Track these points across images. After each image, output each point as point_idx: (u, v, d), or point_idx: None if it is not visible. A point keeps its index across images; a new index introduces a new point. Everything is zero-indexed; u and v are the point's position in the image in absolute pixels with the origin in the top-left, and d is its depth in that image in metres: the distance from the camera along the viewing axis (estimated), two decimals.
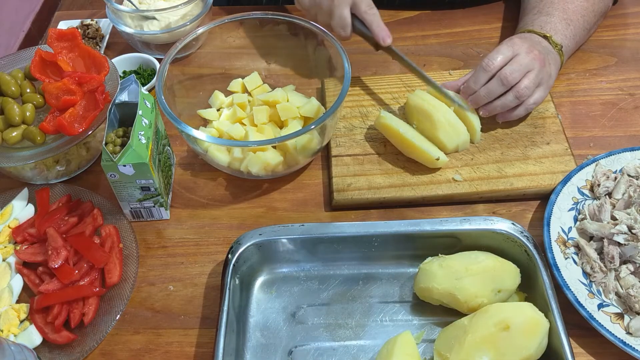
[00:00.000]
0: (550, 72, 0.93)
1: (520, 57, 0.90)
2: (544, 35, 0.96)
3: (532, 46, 0.91)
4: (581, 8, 1.01)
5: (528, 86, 0.89)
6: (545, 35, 0.96)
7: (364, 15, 0.97)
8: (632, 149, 0.89)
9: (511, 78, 0.88)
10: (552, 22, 0.98)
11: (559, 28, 0.98)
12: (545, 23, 0.98)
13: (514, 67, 0.89)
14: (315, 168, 0.96)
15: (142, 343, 0.79)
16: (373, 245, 0.81)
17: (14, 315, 0.79)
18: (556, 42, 0.96)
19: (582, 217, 0.84)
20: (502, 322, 0.69)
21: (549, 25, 0.97)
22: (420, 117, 0.93)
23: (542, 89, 0.92)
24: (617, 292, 0.77)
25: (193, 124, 0.87)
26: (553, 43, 0.96)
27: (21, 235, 0.86)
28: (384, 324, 0.78)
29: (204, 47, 1.03)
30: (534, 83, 0.90)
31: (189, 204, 0.93)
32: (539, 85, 0.91)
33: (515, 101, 0.90)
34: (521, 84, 0.89)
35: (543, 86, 0.92)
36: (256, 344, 0.77)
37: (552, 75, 0.94)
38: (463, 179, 0.90)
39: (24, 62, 0.97)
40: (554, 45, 0.96)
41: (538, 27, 0.98)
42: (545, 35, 0.96)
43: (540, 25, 0.98)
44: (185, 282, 0.84)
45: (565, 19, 0.99)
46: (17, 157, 0.86)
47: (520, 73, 0.89)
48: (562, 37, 0.97)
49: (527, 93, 0.90)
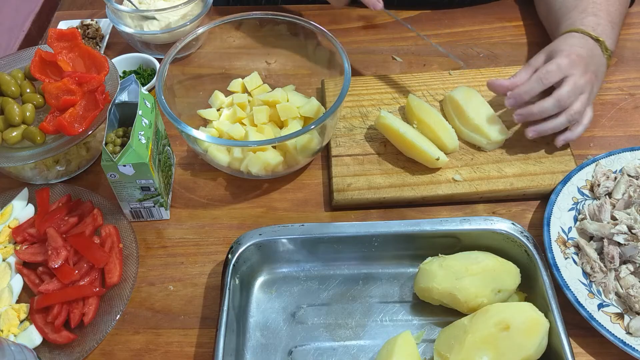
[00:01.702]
0: (596, 90, 0.91)
1: (576, 77, 0.86)
2: (597, 39, 0.92)
3: (587, 66, 0.88)
4: (619, 12, 0.98)
5: (579, 110, 0.87)
6: (598, 39, 0.92)
7: None
8: (632, 149, 0.89)
9: (569, 101, 0.86)
10: (602, 24, 0.94)
11: (608, 32, 0.94)
12: (597, 25, 0.93)
13: (572, 88, 0.86)
14: (315, 168, 0.96)
15: (142, 343, 0.79)
16: (373, 245, 0.81)
17: (14, 315, 0.79)
18: (607, 48, 0.93)
19: (582, 217, 0.84)
20: (502, 322, 0.69)
21: (600, 28, 0.93)
22: (420, 117, 0.93)
23: (591, 108, 0.90)
24: (617, 292, 0.77)
25: (193, 124, 0.87)
26: (604, 49, 0.92)
27: (21, 235, 0.86)
28: (384, 324, 0.78)
29: (204, 47, 1.03)
30: (585, 106, 0.88)
31: (189, 204, 0.93)
32: (589, 105, 0.90)
33: (566, 124, 0.88)
34: (574, 107, 0.87)
35: (591, 105, 0.91)
36: (256, 344, 0.77)
37: (597, 90, 0.92)
38: (463, 179, 0.90)
39: (24, 62, 0.97)
40: (605, 51, 0.92)
41: (590, 28, 0.93)
42: (598, 39, 0.92)
43: (592, 27, 0.93)
44: (185, 282, 0.84)
45: (611, 22, 0.95)
46: (17, 157, 0.86)
47: (575, 97, 0.87)
48: (611, 42, 0.94)
49: (578, 118, 0.88)
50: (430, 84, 1.03)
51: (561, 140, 0.90)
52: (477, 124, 0.91)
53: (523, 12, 1.17)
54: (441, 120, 0.93)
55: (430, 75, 1.04)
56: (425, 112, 0.93)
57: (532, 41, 1.12)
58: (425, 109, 0.94)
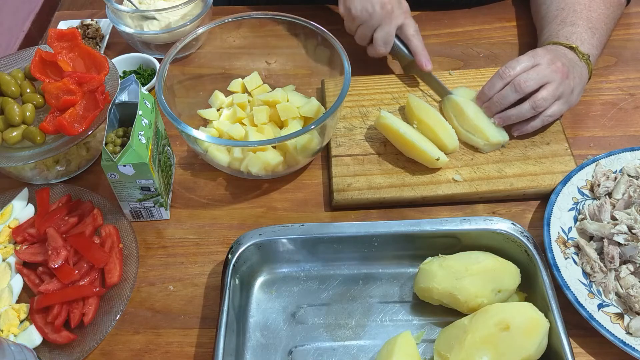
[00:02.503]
0: (573, 86, 0.91)
1: (541, 67, 0.88)
2: (569, 46, 0.94)
3: (555, 57, 0.89)
4: (604, 16, 0.99)
5: (546, 97, 0.88)
6: (571, 46, 0.93)
7: (410, 38, 0.99)
8: (632, 149, 0.89)
9: (525, 85, 0.87)
10: (578, 32, 0.95)
11: (585, 38, 0.95)
12: (571, 33, 0.95)
13: (531, 75, 0.87)
14: (315, 168, 0.96)
15: (142, 343, 0.79)
16: (373, 245, 0.81)
17: (14, 315, 0.79)
18: (582, 52, 0.93)
19: (582, 217, 0.84)
20: (502, 322, 0.69)
21: (574, 36, 0.95)
22: (420, 117, 0.93)
23: (561, 102, 0.90)
24: (617, 292, 0.77)
25: (193, 124, 0.87)
26: (580, 54, 0.93)
27: (21, 235, 0.86)
28: (384, 324, 0.78)
29: (204, 47, 1.03)
30: (553, 95, 0.88)
31: (189, 204, 0.93)
32: (559, 98, 0.89)
33: (531, 111, 0.89)
34: (539, 94, 0.88)
35: (562, 99, 0.90)
36: (256, 344, 0.77)
37: (575, 90, 0.91)
38: (463, 179, 0.90)
39: (24, 62, 0.97)
40: (581, 55, 0.93)
41: (564, 38, 0.95)
42: (571, 46, 0.93)
43: (566, 36, 0.95)
44: (185, 282, 0.84)
45: (591, 28, 0.96)
46: (17, 157, 0.86)
47: (536, 82, 0.87)
48: (589, 46, 0.95)
49: (544, 104, 0.88)
50: None
51: (515, 130, 0.92)
52: (476, 124, 0.91)
53: (523, 12, 1.17)
54: (441, 120, 0.93)
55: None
56: (425, 112, 0.93)
57: (532, 41, 1.12)
58: (425, 109, 0.94)
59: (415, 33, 0.99)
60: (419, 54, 0.99)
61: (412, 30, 0.99)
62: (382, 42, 0.99)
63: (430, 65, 1.00)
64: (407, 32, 0.99)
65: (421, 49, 1.00)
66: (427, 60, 0.99)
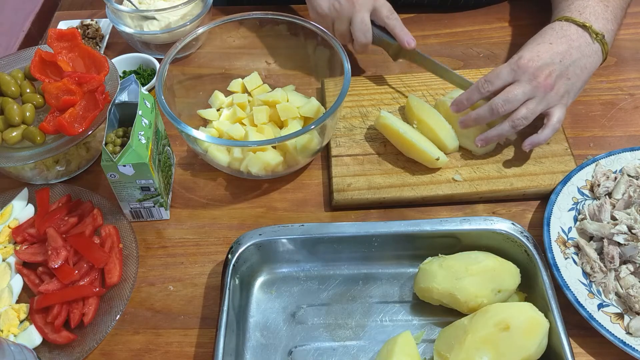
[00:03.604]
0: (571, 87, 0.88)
1: (519, 85, 0.84)
2: (582, 25, 0.88)
3: (539, 70, 0.85)
4: None
5: (525, 116, 0.84)
6: (584, 24, 0.88)
7: (385, 20, 0.97)
8: (632, 149, 0.89)
9: (502, 110, 0.84)
10: (590, 5, 0.91)
11: (598, 11, 0.90)
12: (584, 8, 0.91)
13: (507, 97, 0.84)
14: (315, 168, 0.96)
15: (142, 343, 0.79)
16: (373, 245, 0.81)
17: (14, 315, 0.79)
18: (597, 32, 0.88)
19: (582, 217, 0.84)
20: (502, 322, 0.69)
21: (587, 10, 0.90)
22: (420, 117, 0.93)
23: (560, 108, 0.87)
24: (617, 292, 0.77)
25: (193, 124, 0.87)
26: (593, 33, 0.88)
27: (21, 235, 0.86)
28: (384, 324, 0.78)
29: (204, 47, 1.03)
30: (534, 112, 0.85)
31: (189, 204, 0.93)
32: (554, 106, 0.86)
33: (512, 130, 0.86)
34: (518, 113, 0.84)
35: (559, 105, 0.87)
36: (256, 344, 0.77)
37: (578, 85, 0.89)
38: (463, 179, 0.90)
39: (24, 62, 0.97)
40: (595, 35, 0.88)
41: (577, 13, 0.90)
42: (584, 24, 0.88)
43: (579, 11, 0.90)
44: (185, 282, 0.84)
45: (603, 0, 0.92)
46: (17, 157, 0.86)
47: (513, 105, 0.84)
48: (603, 21, 0.90)
49: (523, 123, 0.85)
50: (430, 84, 1.03)
51: (527, 144, 0.88)
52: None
53: (523, 12, 1.17)
54: (441, 120, 0.93)
55: (430, 75, 1.04)
56: (425, 112, 0.93)
57: None
58: (425, 109, 0.94)
59: (389, 14, 0.96)
60: (398, 33, 0.97)
61: (386, 11, 0.96)
62: (360, 32, 0.96)
63: (413, 42, 0.96)
64: (380, 15, 0.96)
65: (399, 28, 0.97)
66: (409, 37, 0.96)
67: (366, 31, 0.96)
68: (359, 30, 0.96)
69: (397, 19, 0.97)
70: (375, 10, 0.97)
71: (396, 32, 0.97)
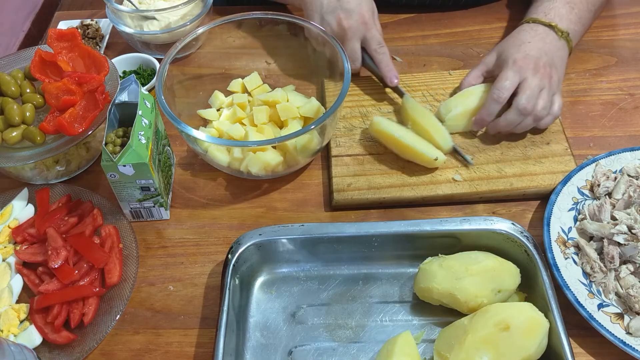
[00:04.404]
0: (560, 76, 0.93)
1: (529, 81, 0.89)
2: (549, 24, 0.95)
3: (536, 64, 0.90)
4: None
5: (545, 106, 0.89)
6: (550, 24, 0.95)
7: (373, 53, 0.98)
8: (632, 149, 0.89)
9: (530, 107, 0.88)
10: (556, 7, 0.97)
11: (563, 13, 0.97)
12: (549, 9, 0.97)
13: (528, 94, 0.88)
14: (315, 168, 0.96)
15: (142, 343, 0.79)
16: (373, 245, 0.81)
17: (14, 315, 0.79)
18: (562, 30, 0.95)
19: (582, 217, 0.84)
20: (502, 322, 0.69)
21: (552, 12, 0.97)
22: (415, 118, 0.93)
23: (558, 96, 0.92)
24: (617, 292, 0.77)
25: (193, 124, 0.87)
26: (559, 32, 0.95)
27: (21, 235, 0.86)
28: (384, 324, 0.78)
29: (204, 47, 1.03)
30: (549, 100, 0.90)
31: (189, 204, 0.93)
32: (555, 94, 0.91)
33: (534, 123, 0.90)
34: (538, 106, 0.89)
35: (557, 93, 0.92)
36: (256, 344, 0.77)
37: (561, 75, 0.94)
38: (463, 179, 0.90)
39: (24, 62, 0.97)
40: (560, 33, 0.95)
41: (542, 14, 0.97)
42: (550, 24, 0.95)
43: (544, 12, 0.97)
44: (185, 282, 0.84)
45: (569, 2, 0.98)
46: (17, 157, 0.86)
47: (535, 98, 0.88)
48: (567, 22, 0.96)
49: (544, 113, 0.89)
50: (430, 84, 1.03)
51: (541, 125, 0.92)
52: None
53: (523, 12, 1.17)
54: (435, 121, 0.92)
55: (430, 75, 1.04)
56: (419, 113, 0.93)
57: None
58: (419, 110, 0.93)
59: (377, 47, 0.98)
60: (383, 69, 0.98)
61: (375, 44, 0.98)
62: (350, 60, 0.97)
63: (396, 80, 0.98)
64: (369, 47, 0.98)
65: (385, 64, 0.98)
66: (392, 75, 0.98)
67: (355, 60, 0.98)
68: (349, 57, 0.97)
69: (384, 53, 0.98)
70: (365, 40, 0.98)
71: (381, 67, 0.98)
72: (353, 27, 0.96)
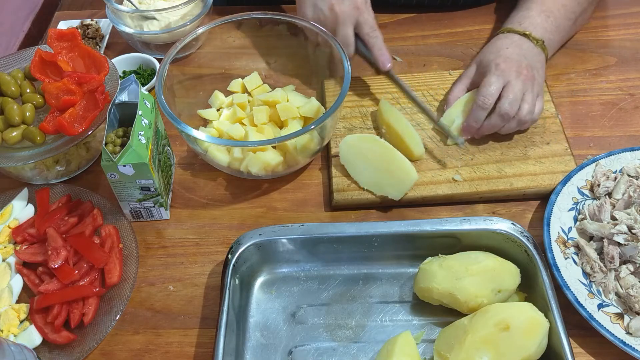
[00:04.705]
0: (541, 79, 0.93)
1: (512, 84, 0.89)
2: (523, 33, 0.95)
3: (518, 65, 0.90)
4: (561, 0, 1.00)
5: (530, 110, 0.89)
6: (524, 32, 0.95)
7: (366, 37, 0.97)
8: (632, 149, 0.89)
9: (512, 112, 0.88)
10: (531, 16, 0.97)
11: (537, 22, 0.97)
12: (524, 18, 0.98)
13: (511, 98, 0.88)
14: (315, 168, 0.96)
15: (142, 343, 0.79)
16: (373, 245, 0.81)
17: (14, 315, 0.79)
18: (536, 38, 0.95)
19: (582, 217, 0.84)
20: (502, 322, 0.69)
21: (527, 21, 0.97)
22: (389, 122, 0.92)
23: (540, 99, 0.92)
24: (617, 292, 0.77)
25: (193, 124, 0.87)
26: (533, 39, 0.95)
27: (21, 235, 0.86)
28: (384, 324, 0.78)
29: (204, 47, 1.03)
30: (533, 102, 0.90)
31: (189, 204, 0.93)
32: (538, 96, 0.92)
33: (517, 127, 0.91)
34: (522, 110, 0.89)
35: (540, 96, 0.92)
36: (256, 344, 0.77)
37: (543, 78, 0.95)
38: (463, 179, 0.90)
39: (24, 62, 0.97)
40: (535, 41, 0.95)
41: (517, 23, 0.97)
42: (524, 32, 0.95)
43: (519, 22, 0.98)
44: (185, 282, 0.84)
45: (544, 11, 0.98)
46: (17, 157, 0.86)
47: (518, 102, 0.89)
48: (542, 30, 0.96)
49: (529, 117, 0.90)
50: (430, 84, 1.03)
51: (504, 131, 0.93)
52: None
53: None
54: (409, 127, 0.92)
55: (430, 75, 1.04)
56: (394, 117, 0.92)
57: None
58: (394, 114, 0.93)
59: (370, 31, 0.97)
60: (375, 53, 0.97)
61: (367, 28, 0.96)
62: (343, 44, 0.96)
63: (389, 64, 0.97)
64: (362, 31, 0.97)
65: (377, 48, 0.97)
66: (385, 59, 0.97)
67: (348, 45, 0.97)
68: (342, 42, 0.96)
69: (377, 37, 0.97)
70: (358, 24, 0.97)
71: (374, 51, 0.98)
72: (345, 12, 0.95)
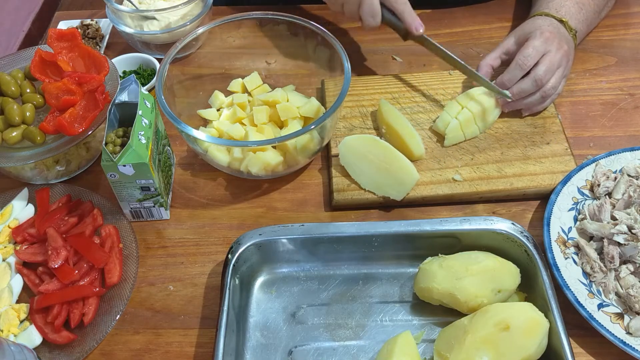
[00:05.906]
0: (571, 64, 0.96)
1: (552, 54, 0.91)
2: (560, 20, 0.97)
3: (560, 41, 0.93)
4: None
5: (555, 85, 0.92)
6: (561, 19, 0.97)
7: (394, 4, 0.96)
8: (632, 149, 0.89)
9: (545, 79, 0.90)
10: (567, 5, 0.99)
11: (572, 12, 0.99)
12: (560, 6, 0.99)
13: (548, 67, 0.91)
14: (315, 168, 0.96)
15: (142, 343, 0.79)
16: (373, 245, 0.81)
17: (14, 315, 0.79)
18: (571, 27, 0.97)
19: (582, 217, 0.84)
20: (502, 322, 0.69)
21: (564, 9, 0.98)
22: (389, 123, 0.92)
23: (564, 81, 0.95)
24: (617, 292, 0.77)
25: (193, 124, 0.87)
26: (568, 28, 0.97)
27: (21, 235, 0.86)
28: (384, 324, 0.78)
29: (204, 47, 1.03)
30: (560, 81, 0.92)
31: (189, 204, 0.93)
32: (564, 77, 0.94)
33: (540, 99, 0.93)
34: (549, 83, 0.91)
35: (565, 78, 0.95)
36: (256, 344, 0.77)
37: (571, 64, 0.96)
38: (463, 179, 0.90)
39: (24, 62, 0.97)
40: (569, 30, 0.97)
41: (554, 10, 0.98)
42: (561, 19, 0.97)
43: (556, 9, 0.99)
44: (185, 282, 0.84)
45: (578, 2, 1.00)
46: (17, 157, 0.86)
47: (552, 73, 0.91)
48: (575, 21, 0.99)
49: (553, 92, 0.92)
50: (430, 84, 1.03)
51: (525, 111, 0.96)
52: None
53: (523, 12, 1.17)
54: (409, 127, 0.92)
55: (430, 75, 1.04)
56: (393, 118, 0.92)
57: None
58: (394, 114, 0.93)
59: None
60: (406, 18, 0.96)
61: None
62: (369, 15, 0.95)
63: (422, 28, 0.97)
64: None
65: (408, 13, 0.96)
66: (418, 23, 0.97)
67: (375, 15, 0.96)
68: (367, 13, 0.95)
69: (405, 3, 0.96)
70: None
71: (404, 16, 0.96)
72: None
